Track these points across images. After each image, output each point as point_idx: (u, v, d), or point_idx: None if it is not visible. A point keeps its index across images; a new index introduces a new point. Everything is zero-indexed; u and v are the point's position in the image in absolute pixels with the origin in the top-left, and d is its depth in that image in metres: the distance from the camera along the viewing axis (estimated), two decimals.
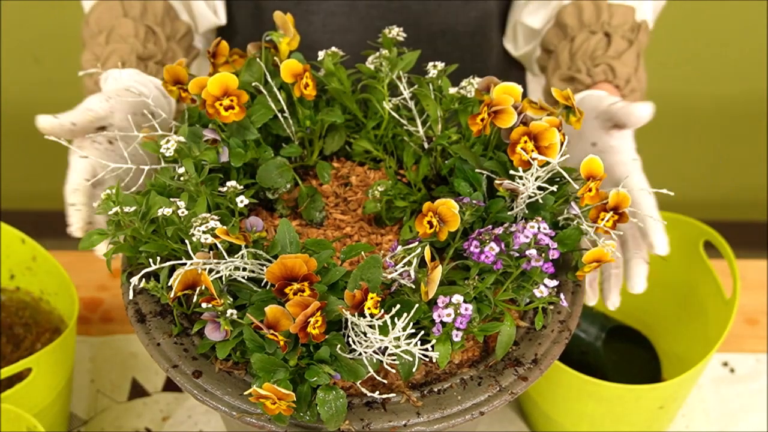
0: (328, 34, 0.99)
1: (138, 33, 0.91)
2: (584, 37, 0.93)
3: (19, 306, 1.03)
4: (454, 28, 1.00)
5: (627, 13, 0.93)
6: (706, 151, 1.99)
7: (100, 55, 0.89)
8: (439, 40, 1.01)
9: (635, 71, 0.90)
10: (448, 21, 1.00)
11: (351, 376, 0.60)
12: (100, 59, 0.88)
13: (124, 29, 0.91)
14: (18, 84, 1.86)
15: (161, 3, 0.95)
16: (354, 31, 0.99)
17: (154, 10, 0.94)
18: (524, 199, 0.68)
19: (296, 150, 0.75)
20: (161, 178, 0.69)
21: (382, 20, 0.98)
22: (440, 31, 1.00)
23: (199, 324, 0.64)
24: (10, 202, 2.02)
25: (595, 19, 0.93)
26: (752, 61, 1.83)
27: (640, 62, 0.92)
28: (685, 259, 1.01)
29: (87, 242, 0.67)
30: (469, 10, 0.99)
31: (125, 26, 0.91)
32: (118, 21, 0.91)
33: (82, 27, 0.95)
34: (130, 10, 0.93)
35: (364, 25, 0.99)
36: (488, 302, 0.65)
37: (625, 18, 0.93)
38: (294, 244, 0.65)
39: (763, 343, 1.10)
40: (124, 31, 0.91)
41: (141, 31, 0.91)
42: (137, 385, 1.03)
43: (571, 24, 0.95)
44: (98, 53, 0.90)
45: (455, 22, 1.00)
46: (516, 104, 0.69)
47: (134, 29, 0.91)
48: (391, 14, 0.98)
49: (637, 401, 0.89)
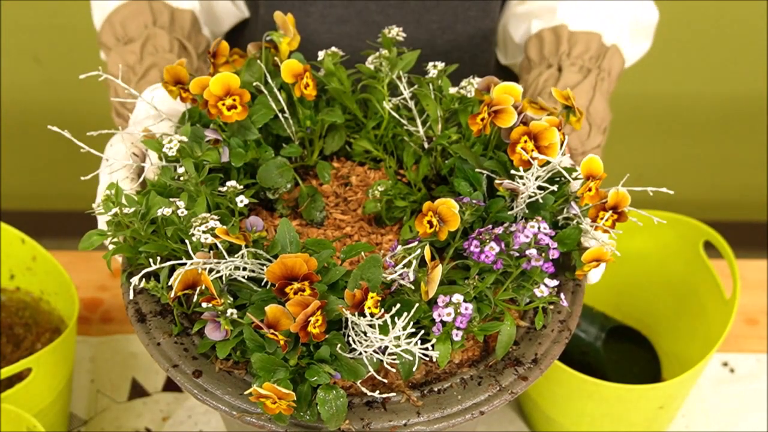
0: (326, 24, 0.99)
1: (173, 47, 0.90)
2: (537, 73, 0.92)
3: (19, 306, 1.03)
4: (453, 27, 1.00)
5: (591, 40, 0.91)
6: (706, 151, 1.99)
7: (134, 65, 0.88)
8: (438, 38, 1.00)
9: (589, 103, 0.88)
10: (446, 19, 0.99)
11: (351, 376, 0.60)
12: (136, 71, 0.87)
13: (159, 41, 0.90)
14: (18, 84, 1.86)
15: (188, 12, 0.94)
16: (351, 23, 0.99)
17: (181, 22, 0.93)
18: (524, 198, 0.68)
19: (296, 150, 0.75)
20: (161, 178, 0.69)
21: (380, 15, 0.98)
22: (439, 30, 1.00)
23: (200, 324, 0.64)
24: (10, 202, 2.02)
25: (554, 51, 0.92)
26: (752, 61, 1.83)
27: (597, 94, 0.89)
28: (685, 259, 1.01)
29: (86, 243, 0.67)
30: (468, 9, 0.99)
31: (161, 38, 0.90)
32: (153, 31, 0.90)
33: (102, 25, 0.93)
34: (159, 17, 0.92)
35: (362, 18, 0.98)
36: (488, 302, 0.65)
37: (587, 46, 0.91)
38: (294, 244, 0.65)
39: (763, 343, 1.10)
40: (159, 43, 0.90)
41: (175, 45, 0.91)
42: (137, 385, 1.03)
43: (532, 57, 0.94)
44: (131, 62, 0.88)
45: (454, 21, 1.00)
46: (516, 104, 0.69)
47: (169, 43, 0.90)
48: (390, 9, 0.98)
49: (637, 401, 0.89)
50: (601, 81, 0.90)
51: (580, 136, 0.88)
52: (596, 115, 0.89)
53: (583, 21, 0.93)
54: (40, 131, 1.89)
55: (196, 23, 0.96)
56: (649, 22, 0.98)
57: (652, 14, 0.98)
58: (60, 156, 1.91)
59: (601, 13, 0.93)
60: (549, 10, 0.95)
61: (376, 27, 0.98)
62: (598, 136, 0.89)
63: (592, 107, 0.89)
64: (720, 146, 1.98)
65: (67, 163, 1.83)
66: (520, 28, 0.99)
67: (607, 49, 0.92)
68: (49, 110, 1.89)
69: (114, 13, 0.92)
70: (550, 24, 0.94)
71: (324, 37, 0.99)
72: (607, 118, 0.90)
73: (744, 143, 1.97)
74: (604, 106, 0.90)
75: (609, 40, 0.93)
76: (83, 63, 1.48)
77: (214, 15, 1.01)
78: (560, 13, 0.94)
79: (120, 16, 0.92)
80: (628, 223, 0.68)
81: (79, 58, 1.78)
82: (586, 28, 0.92)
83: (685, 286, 1.03)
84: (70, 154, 1.35)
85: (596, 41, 0.92)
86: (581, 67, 0.91)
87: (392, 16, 0.98)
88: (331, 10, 0.98)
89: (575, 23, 0.93)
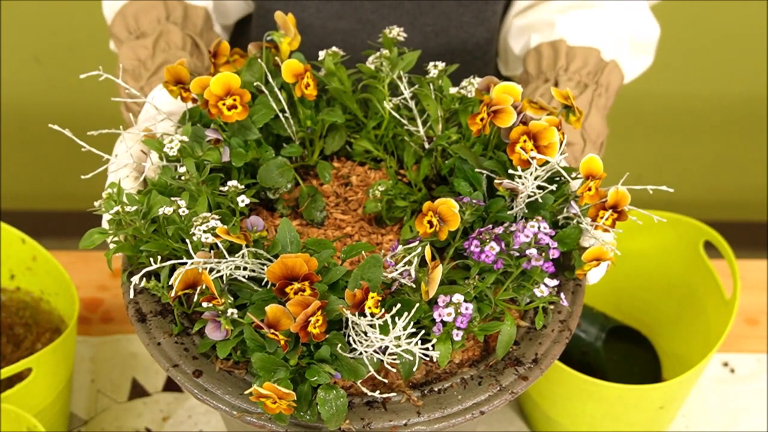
0: (321, 19, 0.99)
1: (185, 45, 0.90)
2: (534, 87, 0.91)
3: (19, 306, 1.03)
4: (447, 31, 1.00)
5: (589, 56, 0.91)
6: (706, 151, 1.99)
7: (145, 60, 0.88)
8: (431, 41, 1.00)
9: (584, 119, 0.88)
10: (440, 23, 0.99)
11: (351, 376, 0.60)
12: (147, 67, 0.87)
13: (172, 37, 0.89)
14: (18, 84, 1.86)
15: (202, 9, 0.94)
16: (346, 20, 0.99)
17: (195, 18, 0.93)
18: (524, 198, 0.68)
19: (297, 150, 0.75)
20: (162, 177, 0.69)
21: (375, 14, 0.98)
22: (432, 33, 1.00)
23: (200, 323, 0.64)
24: (10, 202, 2.02)
25: (552, 66, 0.92)
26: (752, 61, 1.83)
27: (594, 109, 0.89)
28: (685, 259, 1.01)
29: (87, 241, 0.67)
30: (462, 15, 0.99)
31: (174, 34, 0.90)
32: (166, 27, 0.90)
33: (114, 17, 0.93)
34: (173, 12, 0.91)
35: (357, 15, 0.98)
36: (488, 302, 0.65)
37: (585, 61, 0.91)
38: (294, 244, 0.65)
39: (763, 343, 1.10)
40: (171, 40, 0.89)
41: (188, 42, 0.90)
42: (137, 385, 1.03)
43: (530, 71, 0.94)
44: (143, 57, 0.88)
45: (447, 25, 0.99)
46: (515, 104, 0.69)
47: (182, 40, 0.90)
48: (385, 9, 0.98)
49: (637, 401, 0.89)
50: (598, 96, 0.90)
51: (574, 152, 0.87)
52: (591, 131, 0.88)
53: (581, 36, 0.92)
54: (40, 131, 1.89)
55: (209, 20, 0.96)
56: (649, 37, 0.97)
57: (653, 30, 0.97)
58: (60, 156, 1.91)
59: (600, 28, 0.93)
60: (548, 25, 0.94)
61: (371, 25, 0.98)
62: (593, 151, 0.88)
63: (587, 123, 0.88)
64: (720, 146, 1.98)
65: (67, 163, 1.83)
66: (520, 41, 0.99)
67: (605, 64, 0.91)
68: (49, 110, 1.89)
69: (127, 6, 0.92)
70: (548, 38, 0.93)
71: (318, 33, 0.99)
72: (603, 134, 0.90)
73: (744, 143, 1.97)
74: (600, 121, 0.89)
75: (608, 56, 0.92)
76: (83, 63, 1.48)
77: (225, 10, 1.02)
78: (559, 28, 0.93)
79: (133, 8, 0.91)
80: (628, 223, 0.68)
81: (79, 58, 1.78)
82: (585, 44, 0.92)
83: (685, 286, 1.03)
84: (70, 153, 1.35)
85: (594, 56, 0.91)
86: (578, 83, 0.90)
87: (387, 16, 0.98)
88: (327, 5, 0.98)
89: (574, 38, 0.92)
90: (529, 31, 0.97)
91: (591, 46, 0.91)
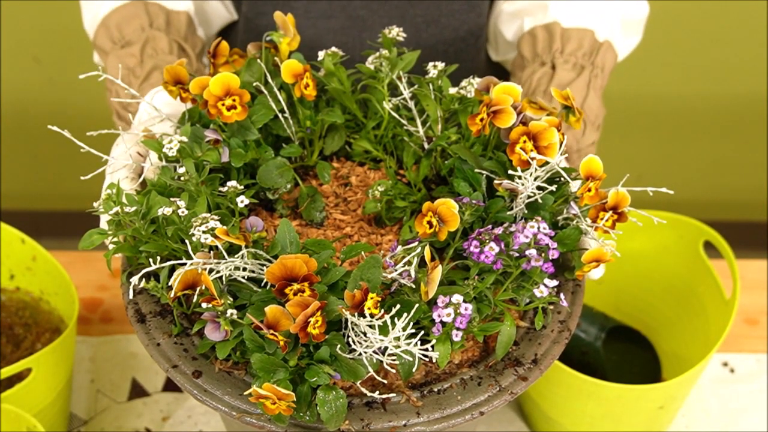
0: (310, 19, 0.99)
1: (172, 49, 0.90)
2: (531, 71, 0.92)
3: (19, 306, 1.03)
4: (438, 20, 1.00)
5: (583, 37, 0.92)
6: (706, 151, 1.99)
7: (134, 68, 0.88)
8: (423, 32, 1.00)
9: (583, 101, 0.89)
10: (431, 13, 0.99)
11: (351, 376, 0.60)
12: (137, 74, 0.87)
13: (159, 43, 0.89)
14: (18, 84, 1.86)
15: (184, 14, 0.94)
16: (336, 18, 0.99)
17: (177, 24, 0.93)
18: (524, 198, 0.68)
19: (296, 150, 0.75)
20: (162, 177, 0.69)
21: (364, 9, 0.98)
22: (424, 23, 0.99)
23: (199, 324, 0.64)
24: (10, 202, 2.02)
25: (547, 49, 0.92)
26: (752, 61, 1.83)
27: (591, 91, 0.90)
28: (685, 259, 1.01)
29: (86, 242, 0.67)
30: (452, 2, 0.99)
31: (160, 40, 0.90)
32: (151, 33, 0.90)
33: (97, 28, 0.92)
34: (156, 19, 0.91)
35: (346, 13, 0.98)
36: (488, 302, 0.65)
37: (580, 42, 0.91)
38: (294, 244, 0.65)
39: (763, 343, 1.10)
40: (158, 46, 0.89)
41: (174, 47, 0.90)
42: (137, 385, 1.03)
43: (526, 55, 0.94)
44: (131, 65, 0.88)
45: (438, 14, 0.99)
46: (515, 104, 0.69)
47: (168, 45, 0.90)
48: (374, 4, 0.98)
49: (637, 401, 0.89)
50: (594, 78, 0.91)
51: (575, 134, 0.88)
52: (590, 113, 0.89)
53: (575, 18, 0.93)
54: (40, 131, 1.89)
55: (192, 24, 0.96)
56: (639, 16, 0.98)
57: (642, 8, 0.98)
58: (60, 156, 1.91)
59: (592, 9, 0.94)
60: (541, 8, 0.95)
61: (361, 22, 0.98)
62: (593, 133, 0.89)
63: (586, 105, 0.89)
64: (720, 146, 1.98)
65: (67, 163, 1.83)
66: (511, 26, 0.99)
67: (600, 45, 0.92)
68: (49, 110, 1.89)
69: (108, 17, 0.92)
70: (542, 21, 0.94)
71: (308, 32, 0.99)
72: (601, 115, 0.91)
73: (744, 143, 1.97)
74: (598, 102, 0.90)
75: (602, 36, 0.93)
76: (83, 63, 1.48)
77: (206, 16, 1.01)
78: (552, 11, 0.94)
79: (115, 18, 0.91)
80: (628, 223, 0.68)
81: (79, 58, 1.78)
82: (579, 25, 0.92)
83: (685, 286, 1.03)
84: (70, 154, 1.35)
85: (589, 38, 0.92)
86: (575, 65, 0.91)
87: (376, 11, 0.98)
88: (315, 5, 0.98)
89: (567, 20, 0.93)
90: (521, 15, 0.97)
91: (585, 27, 0.92)
